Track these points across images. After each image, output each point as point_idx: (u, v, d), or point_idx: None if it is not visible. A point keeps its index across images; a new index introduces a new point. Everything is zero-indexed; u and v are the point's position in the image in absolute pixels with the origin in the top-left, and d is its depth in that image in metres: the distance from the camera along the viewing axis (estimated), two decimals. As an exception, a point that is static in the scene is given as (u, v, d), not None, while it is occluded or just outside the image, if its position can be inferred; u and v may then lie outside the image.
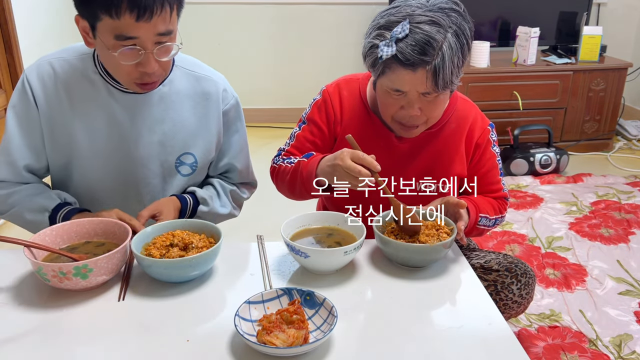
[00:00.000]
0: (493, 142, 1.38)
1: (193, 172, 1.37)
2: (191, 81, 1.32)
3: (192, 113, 1.32)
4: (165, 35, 1.11)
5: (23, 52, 2.78)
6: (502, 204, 1.40)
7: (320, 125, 1.38)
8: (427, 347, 0.93)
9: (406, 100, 1.20)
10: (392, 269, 1.15)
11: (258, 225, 1.49)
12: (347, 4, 3.89)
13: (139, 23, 1.06)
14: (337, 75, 1.45)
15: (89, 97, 1.25)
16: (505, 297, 1.35)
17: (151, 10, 1.05)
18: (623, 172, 3.31)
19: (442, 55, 1.12)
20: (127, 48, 1.09)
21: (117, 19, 1.05)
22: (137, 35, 1.08)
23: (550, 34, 3.64)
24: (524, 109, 3.39)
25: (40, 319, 0.98)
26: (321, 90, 1.41)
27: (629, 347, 1.77)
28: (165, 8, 1.07)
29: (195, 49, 3.87)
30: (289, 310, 0.94)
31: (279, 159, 1.40)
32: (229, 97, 1.37)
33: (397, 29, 1.13)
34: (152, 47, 1.11)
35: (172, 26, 1.12)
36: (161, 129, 1.30)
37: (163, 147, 1.31)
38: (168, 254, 1.07)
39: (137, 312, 1.01)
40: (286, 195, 1.39)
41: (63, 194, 1.30)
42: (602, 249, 2.37)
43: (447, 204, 1.21)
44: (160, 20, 1.08)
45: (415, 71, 1.13)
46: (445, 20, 1.12)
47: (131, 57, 1.11)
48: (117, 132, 1.28)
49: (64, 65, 1.25)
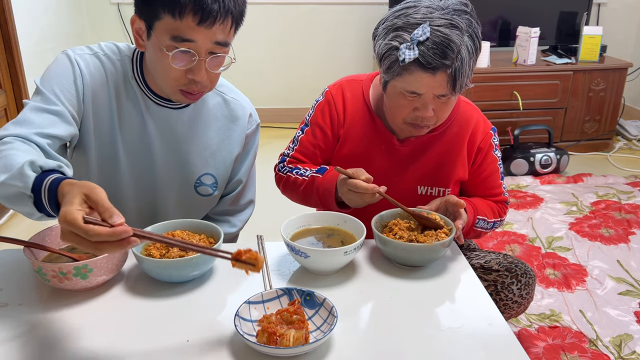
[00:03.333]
0: (495, 146, 1.38)
1: (213, 192, 1.35)
2: (220, 102, 1.31)
3: (216, 134, 1.31)
4: (221, 46, 1.11)
5: (23, 52, 2.78)
6: (502, 207, 1.40)
7: (324, 128, 1.38)
8: (427, 347, 0.93)
9: (421, 102, 1.20)
10: (392, 268, 1.15)
11: (258, 225, 1.49)
12: (347, 4, 3.89)
13: (200, 27, 1.05)
14: (337, 75, 1.46)
15: (130, 100, 1.23)
16: (505, 297, 1.35)
17: (214, 17, 1.05)
18: (623, 172, 3.31)
19: (461, 59, 1.13)
20: (181, 51, 1.08)
21: (179, 19, 1.05)
22: (194, 39, 1.07)
23: (551, 34, 3.65)
24: (524, 109, 3.39)
25: (40, 319, 0.98)
26: (324, 92, 1.41)
27: (629, 347, 1.77)
28: (228, 19, 1.08)
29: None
30: (289, 310, 0.94)
31: (285, 166, 1.40)
32: (253, 122, 1.37)
33: (417, 32, 1.13)
34: (205, 55, 1.10)
35: (229, 39, 1.12)
36: (186, 146, 1.28)
37: (185, 165, 1.30)
38: (168, 254, 1.07)
39: (137, 312, 1.01)
40: (297, 202, 1.42)
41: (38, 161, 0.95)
42: (602, 249, 2.37)
43: (447, 203, 1.21)
44: (220, 30, 1.08)
45: (435, 74, 1.14)
46: (462, 23, 1.13)
47: (183, 60, 1.10)
48: (146, 142, 1.25)
49: (108, 62, 1.21)
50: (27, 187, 0.91)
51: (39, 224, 2.19)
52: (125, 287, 1.07)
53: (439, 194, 1.36)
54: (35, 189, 0.91)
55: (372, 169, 1.33)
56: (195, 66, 1.11)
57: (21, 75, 2.77)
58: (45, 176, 0.92)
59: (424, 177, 1.36)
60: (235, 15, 1.09)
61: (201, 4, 1.03)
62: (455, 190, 1.39)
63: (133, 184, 1.29)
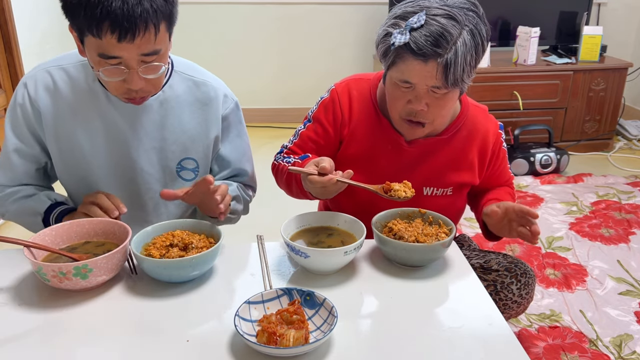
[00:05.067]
0: (503, 140, 1.41)
1: (196, 176, 1.36)
2: (190, 86, 1.30)
3: (191, 118, 1.31)
4: (151, 55, 1.08)
5: (23, 52, 2.78)
6: (513, 189, 1.49)
7: (326, 126, 1.36)
8: (427, 347, 0.93)
9: (414, 94, 1.19)
10: (392, 269, 1.15)
11: (258, 225, 1.49)
12: (347, 4, 3.89)
13: (122, 44, 1.03)
14: (337, 75, 1.46)
15: (89, 106, 1.24)
16: (505, 297, 1.35)
17: (133, 32, 1.01)
18: (623, 172, 3.31)
19: (455, 50, 1.11)
20: (111, 66, 1.07)
21: (99, 38, 1.02)
22: (119, 55, 1.05)
23: (551, 34, 3.64)
24: (524, 109, 3.39)
25: (40, 319, 0.98)
26: (330, 89, 1.39)
27: (629, 347, 1.77)
28: (150, 29, 1.03)
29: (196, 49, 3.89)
30: (289, 310, 0.94)
31: (281, 156, 1.40)
32: (229, 101, 1.35)
33: (413, 19, 1.13)
34: (137, 66, 1.08)
35: (159, 45, 1.08)
36: (161, 134, 1.29)
37: (163, 152, 1.31)
38: (168, 254, 1.07)
39: (137, 312, 1.01)
40: (286, 192, 1.40)
41: (53, 195, 1.29)
42: (603, 249, 2.37)
43: (517, 212, 1.19)
44: (145, 41, 1.04)
45: (426, 62, 1.13)
46: (463, 17, 1.13)
47: (115, 75, 1.08)
48: (118, 139, 1.27)
49: (63, 74, 1.24)
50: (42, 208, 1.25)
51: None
52: (125, 287, 1.07)
53: (444, 195, 1.37)
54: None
55: (378, 169, 1.33)
56: (128, 78, 1.09)
57: (21, 75, 2.77)
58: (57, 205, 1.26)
59: (430, 179, 1.35)
60: (159, 21, 1.05)
61: (117, 21, 1.00)
62: (464, 191, 1.40)
63: (112, 179, 1.30)
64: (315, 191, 1.16)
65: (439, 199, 1.36)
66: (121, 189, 1.31)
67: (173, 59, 1.30)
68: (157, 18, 1.04)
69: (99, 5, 0.99)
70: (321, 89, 1.42)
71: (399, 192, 1.14)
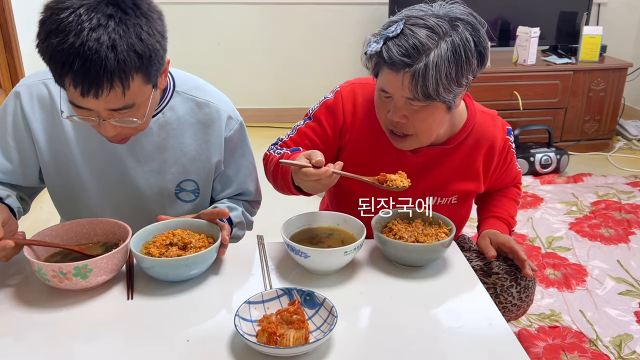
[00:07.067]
0: (511, 142, 1.41)
1: (196, 198, 1.32)
2: (192, 107, 1.25)
3: (192, 140, 1.26)
4: (122, 110, 1.01)
5: (23, 52, 2.78)
6: (519, 188, 1.52)
7: (325, 127, 1.34)
8: (427, 347, 0.93)
9: (392, 104, 1.18)
10: (392, 268, 1.15)
11: (258, 225, 1.48)
12: (347, 4, 3.89)
13: (86, 99, 0.96)
14: (336, 75, 1.45)
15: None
16: (505, 300, 1.34)
17: (96, 90, 0.94)
18: (623, 172, 3.31)
19: (426, 62, 1.08)
20: (81, 116, 1.02)
21: (65, 90, 0.99)
22: (87, 107, 0.99)
23: (551, 34, 3.64)
24: (524, 109, 3.39)
25: (40, 319, 0.98)
26: (334, 90, 1.35)
27: (629, 347, 1.77)
28: (115, 87, 0.95)
29: (195, 49, 3.89)
30: (289, 310, 0.94)
31: (274, 147, 1.36)
32: (233, 122, 1.29)
33: (391, 28, 1.12)
34: (108, 116, 1.02)
35: (130, 100, 1.00)
36: (161, 157, 1.25)
37: (162, 174, 1.27)
38: (167, 253, 1.07)
39: (137, 312, 1.01)
40: (271, 183, 1.35)
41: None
42: (603, 249, 2.37)
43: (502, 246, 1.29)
44: (111, 98, 0.97)
45: (397, 73, 1.11)
46: (445, 29, 1.09)
47: (87, 122, 1.04)
48: (115, 161, 1.23)
49: (60, 88, 1.18)
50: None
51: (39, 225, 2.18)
52: (125, 287, 1.07)
53: (448, 204, 1.37)
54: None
55: None
56: (101, 126, 1.04)
57: (21, 75, 2.77)
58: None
59: (435, 189, 1.34)
60: (128, 76, 0.95)
61: (78, 78, 0.93)
62: (469, 200, 1.41)
63: (106, 200, 1.28)
64: (307, 185, 1.12)
65: (444, 208, 1.35)
66: (116, 209, 1.28)
67: (175, 75, 1.25)
68: (125, 73, 0.94)
69: (62, 60, 0.92)
70: (321, 89, 1.41)
71: (396, 181, 1.12)
